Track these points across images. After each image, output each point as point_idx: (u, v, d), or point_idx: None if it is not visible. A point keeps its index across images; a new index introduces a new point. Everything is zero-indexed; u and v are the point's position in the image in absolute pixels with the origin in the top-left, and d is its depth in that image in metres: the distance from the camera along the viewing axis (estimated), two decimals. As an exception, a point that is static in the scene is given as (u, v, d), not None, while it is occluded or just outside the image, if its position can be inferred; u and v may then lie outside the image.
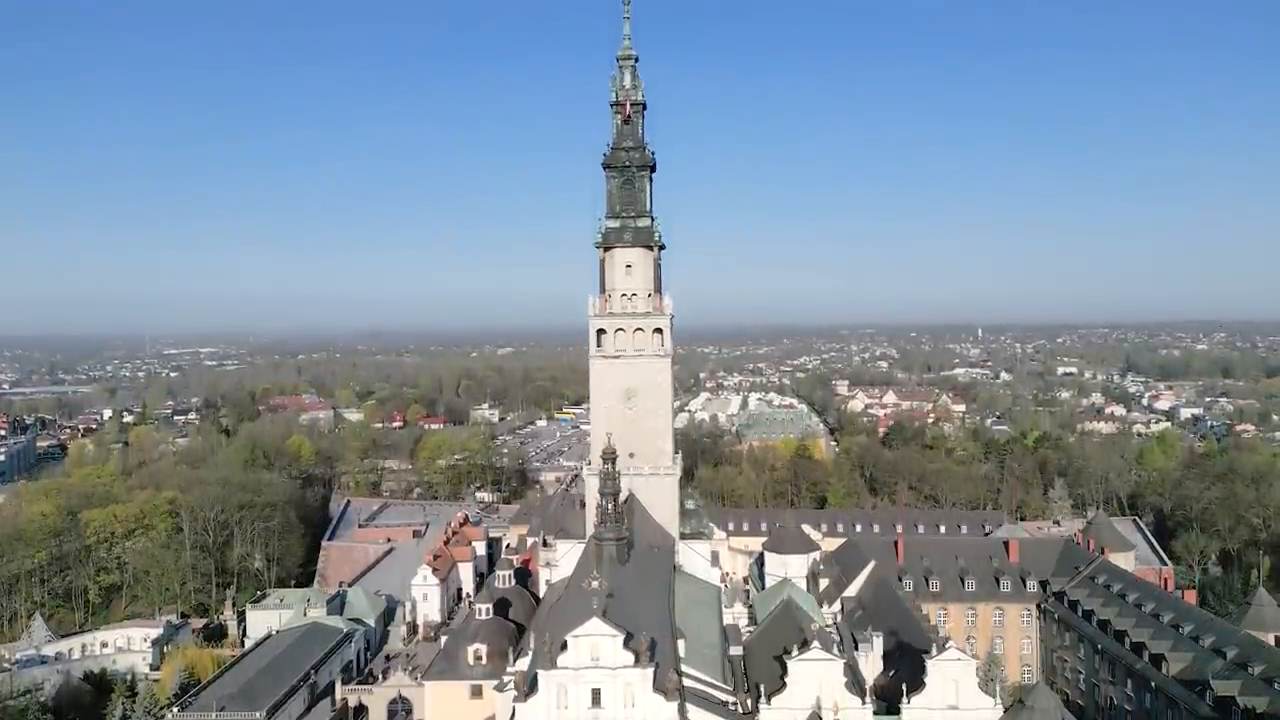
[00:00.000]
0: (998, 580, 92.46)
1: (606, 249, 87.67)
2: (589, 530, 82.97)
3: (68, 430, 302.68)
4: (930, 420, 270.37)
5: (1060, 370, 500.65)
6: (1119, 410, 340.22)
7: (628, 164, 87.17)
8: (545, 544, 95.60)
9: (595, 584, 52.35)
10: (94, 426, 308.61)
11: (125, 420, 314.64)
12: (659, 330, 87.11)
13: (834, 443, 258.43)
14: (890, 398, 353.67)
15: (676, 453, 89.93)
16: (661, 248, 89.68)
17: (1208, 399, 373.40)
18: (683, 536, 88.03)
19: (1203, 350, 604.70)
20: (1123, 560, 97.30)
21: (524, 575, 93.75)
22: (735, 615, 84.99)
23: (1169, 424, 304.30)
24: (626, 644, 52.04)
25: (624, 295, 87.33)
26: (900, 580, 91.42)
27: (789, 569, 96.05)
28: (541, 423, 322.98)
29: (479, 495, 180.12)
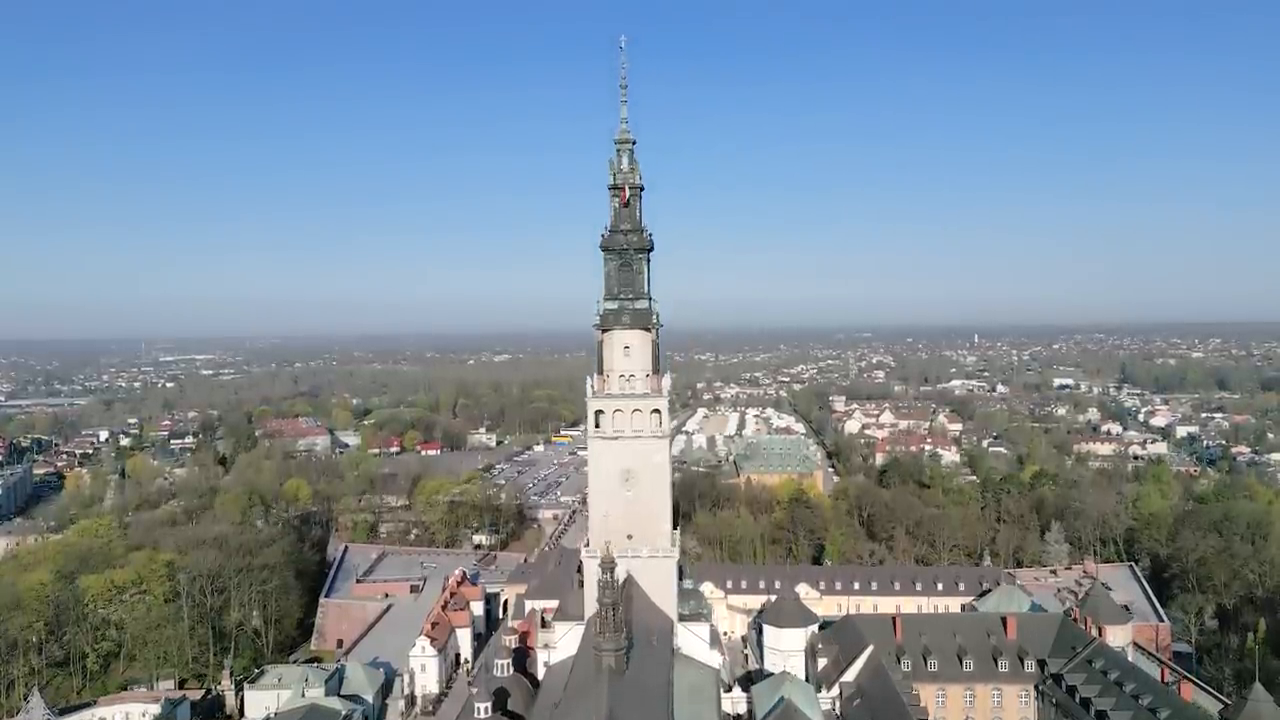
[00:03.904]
0: (995, 660, 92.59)
1: (605, 330, 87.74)
2: (587, 610, 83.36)
3: (65, 456, 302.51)
4: (927, 447, 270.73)
5: (1056, 382, 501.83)
6: (1115, 428, 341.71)
7: (625, 247, 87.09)
8: (544, 623, 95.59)
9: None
10: (90, 451, 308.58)
11: (122, 444, 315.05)
12: (657, 411, 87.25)
13: (832, 470, 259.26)
14: (887, 416, 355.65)
15: (675, 529, 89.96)
16: (660, 327, 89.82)
17: (1204, 414, 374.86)
18: (681, 618, 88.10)
19: (1199, 359, 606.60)
20: (1120, 634, 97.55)
21: (522, 655, 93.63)
22: (734, 702, 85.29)
23: (1165, 445, 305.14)
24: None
25: (622, 376, 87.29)
26: (899, 661, 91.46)
27: (787, 651, 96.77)
28: (539, 448, 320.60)
29: (476, 539, 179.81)
